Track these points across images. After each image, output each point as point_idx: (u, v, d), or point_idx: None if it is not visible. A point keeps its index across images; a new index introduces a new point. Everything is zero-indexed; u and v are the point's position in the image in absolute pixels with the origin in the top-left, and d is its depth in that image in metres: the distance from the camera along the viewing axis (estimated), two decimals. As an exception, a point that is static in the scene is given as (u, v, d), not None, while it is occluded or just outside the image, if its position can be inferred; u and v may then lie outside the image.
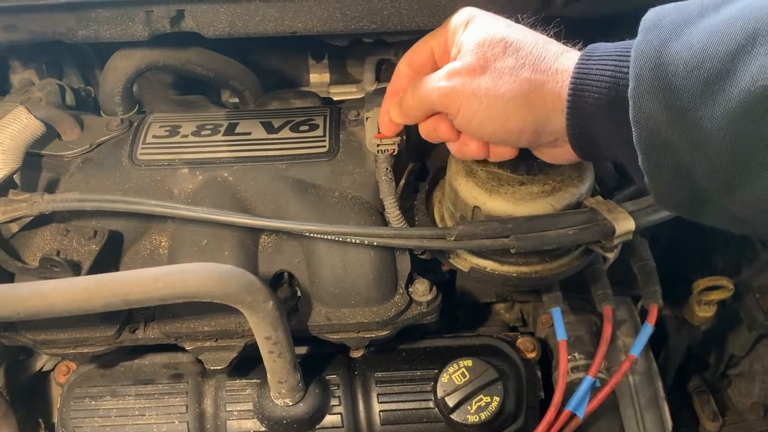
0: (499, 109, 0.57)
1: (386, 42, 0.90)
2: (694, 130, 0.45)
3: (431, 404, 0.75)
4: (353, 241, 0.69)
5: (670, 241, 0.97)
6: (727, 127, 0.43)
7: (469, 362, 0.74)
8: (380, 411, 0.75)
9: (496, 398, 0.72)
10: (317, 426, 0.75)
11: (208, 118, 0.83)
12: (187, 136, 0.80)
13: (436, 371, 0.75)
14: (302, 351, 0.79)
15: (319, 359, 0.78)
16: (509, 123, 0.57)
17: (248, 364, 0.76)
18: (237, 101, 1.01)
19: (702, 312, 0.94)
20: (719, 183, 0.46)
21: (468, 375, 0.73)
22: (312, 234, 0.70)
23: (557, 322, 0.78)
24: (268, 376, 0.70)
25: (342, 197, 0.75)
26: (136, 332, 0.73)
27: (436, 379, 0.74)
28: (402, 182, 0.80)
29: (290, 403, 0.73)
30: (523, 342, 0.83)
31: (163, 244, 0.75)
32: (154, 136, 0.81)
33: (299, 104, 0.91)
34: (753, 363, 1.09)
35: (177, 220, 0.73)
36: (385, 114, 0.70)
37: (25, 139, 0.75)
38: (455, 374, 0.74)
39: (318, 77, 1.12)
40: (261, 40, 0.80)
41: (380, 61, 1.09)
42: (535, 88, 0.55)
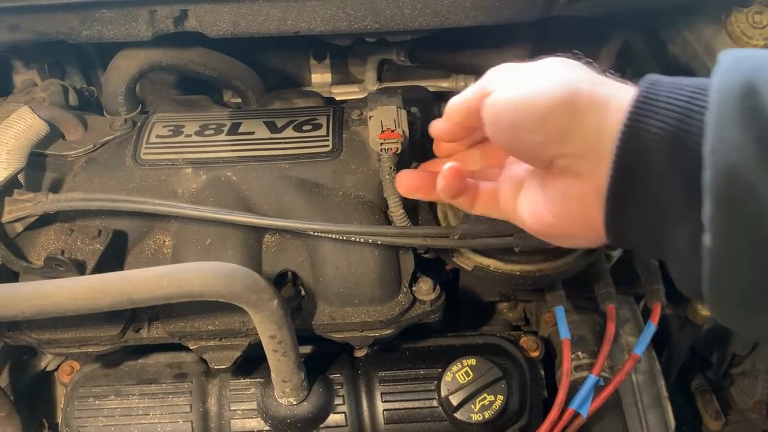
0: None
1: (388, 42, 0.90)
2: None
3: (435, 403, 0.75)
4: (357, 240, 0.69)
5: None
6: None
7: (472, 361, 0.74)
8: (384, 410, 0.75)
9: (500, 397, 0.72)
10: (321, 425, 0.75)
11: (211, 118, 0.83)
12: (190, 135, 0.80)
13: (440, 370, 0.75)
14: (306, 350, 0.79)
15: (322, 358, 0.78)
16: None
17: (252, 363, 0.76)
18: (239, 101, 1.01)
19: (705, 311, 0.95)
20: None
21: (472, 374, 0.73)
22: (316, 233, 0.70)
23: (560, 321, 0.78)
24: (272, 375, 0.70)
25: (345, 196, 0.75)
26: (141, 331, 0.73)
27: (439, 378, 0.74)
28: (405, 181, 0.80)
29: (294, 402, 0.73)
30: (526, 341, 0.83)
31: (167, 244, 0.75)
32: (158, 136, 0.81)
33: (302, 104, 0.91)
34: (756, 362, 1.09)
35: (180, 220, 0.73)
36: None
37: (30, 139, 0.76)
38: (459, 373, 0.74)
39: (320, 77, 1.12)
40: (262, 40, 0.80)
41: (382, 61, 1.09)
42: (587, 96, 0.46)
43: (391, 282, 0.73)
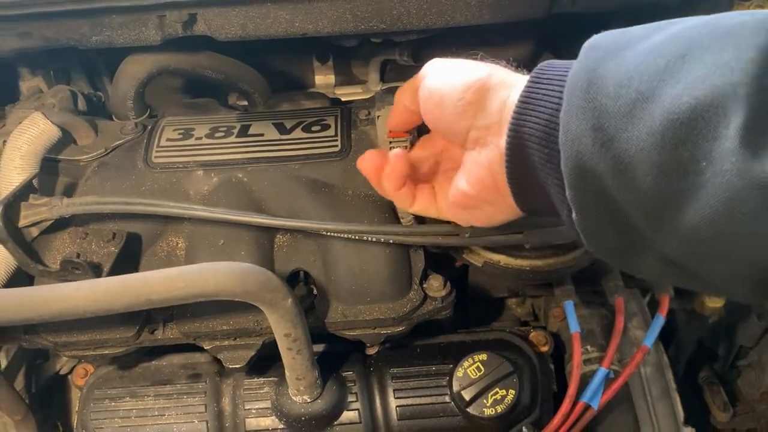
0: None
1: (391, 42, 0.91)
2: (619, 153, 0.41)
3: (447, 398, 0.75)
4: (369, 239, 0.70)
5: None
6: (650, 150, 0.39)
7: (483, 356, 0.75)
8: (397, 406, 0.76)
9: (512, 391, 0.73)
10: (335, 422, 0.76)
11: (220, 121, 0.84)
12: (200, 138, 0.81)
13: (451, 366, 0.76)
14: (318, 348, 0.80)
15: (335, 356, 0.79)
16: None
17: (265, 362, 0.77)
18: (244, 104, 1.01)
19: (711, 303, 0.95)
20: (646, 216, 0.41)
21: (483, 369, 0.74)
22: (327, 232, 0.71)
23: (570, 315, 0.79)
24: (287, 373, 0.71)
25: (355, 195, 0.76)
26: (155, 333, 0.74)
27: (451, 374, 0.75)
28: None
29: (308, 400, 0.74)
30: (535, 336, 0.84)
31: (180, 246, 0.75)
32: (168, 139, 0.82)
33: (309, 105, 0.92)
34: (762, 354, 1.09)
35: (193, 222, 0.74)
36: None
37: (43, 145, 0.76)
38: (470, 368, 0.75)
39: (323, 78, 1.12)
40: (266, 42, 0.81)
41: (385, 62, 1.10)
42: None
43: (402, 279, 0.74)
